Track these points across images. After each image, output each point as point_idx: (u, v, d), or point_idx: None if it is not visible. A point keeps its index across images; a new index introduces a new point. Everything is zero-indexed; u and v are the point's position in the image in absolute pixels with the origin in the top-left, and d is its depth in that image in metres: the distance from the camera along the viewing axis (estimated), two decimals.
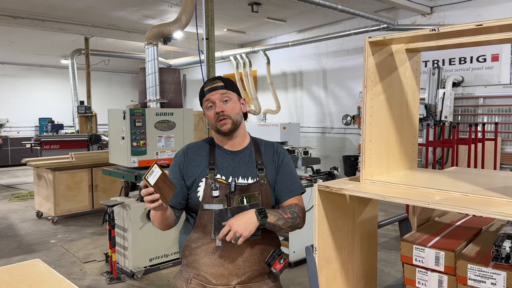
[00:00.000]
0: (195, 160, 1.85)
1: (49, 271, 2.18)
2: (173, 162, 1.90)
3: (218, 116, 1.79)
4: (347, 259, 1.91)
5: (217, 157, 1.85)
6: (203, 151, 1.88)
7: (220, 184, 1.77)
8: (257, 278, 1.81)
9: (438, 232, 1.83)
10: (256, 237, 1.77)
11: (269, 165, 1.88)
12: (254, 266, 1.78)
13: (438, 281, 1.66)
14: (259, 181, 1.82)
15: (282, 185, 1.86)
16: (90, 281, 4.48)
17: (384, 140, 1.87)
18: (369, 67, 1.74)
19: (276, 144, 1.96)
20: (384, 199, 1.55)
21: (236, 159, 1.85)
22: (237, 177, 1.81)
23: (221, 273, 1.76)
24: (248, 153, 1.88)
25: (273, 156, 1.90)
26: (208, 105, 1.82)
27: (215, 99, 1.81)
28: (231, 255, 1.76)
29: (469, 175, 1.91)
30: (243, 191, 1.79)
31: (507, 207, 1.35)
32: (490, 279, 1.49)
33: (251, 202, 1.79)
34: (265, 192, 1.82)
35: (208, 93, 1.82)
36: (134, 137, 4.36)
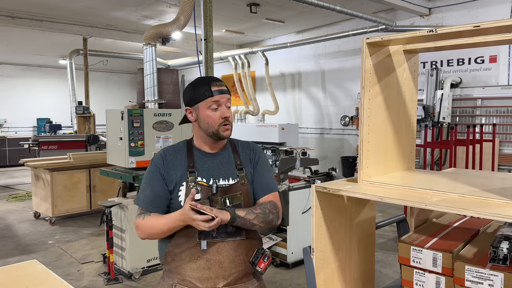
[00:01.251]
0: (174, 164, 1.80)
1: (46, 272, 2.17)
2: (152, 167, 1.83)
3: (224, 121, 1.77)
4: (345, 260, 1.91)
5: (196, 160, 1.81)
6: (181, 155, 1.83)
7: (201, 187, 1.75)
8: (243, 279, 1.79)
9: (435, 233, 1.83)
10: (241, 237, 1.77)
11: (247, 164, 1.87)
12: (240, 267, 1.77)
13: (435, 283, 1.66)
14: (240, 181, 1.81)
15: (257, 183, 1.86)
16: (87, 282, 4.47)
17: (382, 141, 1.87)
18: (367, 68, 1.74)
19: (252, 144, 1.96)
20: (382, 200, 1.55)
21: (215, 160, 1.83)
22: (218, 179, 1.79)
23: (207, 276, 1.73)
24: (226, 154, 1.87)
25: (250, 155, 1.90)
26: (213, 106, 1.76)
27: (223, 102, 1.78)
28: (217, 258, 1.73)
29: (467, 176, 1.91)
30: (225, 192, 1.77)
31: (504, 208, 1.35)
32: (488, 280, 1.50)
33: (234, 202, 1.77)
34: (246, 192, 1.81)
35: (218, 94, 1.76)
36: (132, 138, 4.35)
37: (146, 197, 1.78)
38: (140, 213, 1.79)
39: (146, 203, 1.77)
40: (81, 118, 10.21)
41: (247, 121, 12.09)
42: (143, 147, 4.42)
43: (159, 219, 1.73)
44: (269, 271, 4.66)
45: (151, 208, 1.77)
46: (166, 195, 1.78)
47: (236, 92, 12.46)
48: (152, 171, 1.82)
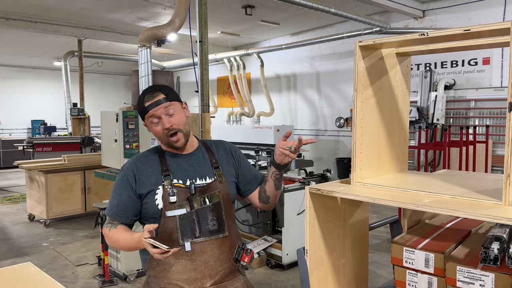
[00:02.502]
0: (146, 170, 1.80)
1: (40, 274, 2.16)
2: (120, 176, 1.83)
3: (168, 131, 1.75)
4: (338, 261, 1.93)
5: (169, 163, 1.82)
6: (152, 161, 1.83)
7: (178, 189, 1.75)
8: (229, 276, 1.81)
9: (428, 234, 1.85)
10: (224, 234, 1.79)
11: (223, 162, 1.90)
12: (225, 264, 1.78)
13: (428, 283, 1.68)
14: (217, 179, 1.83)
15: (247, 177, 1.96)
16: (82, 284, 4.46)
17: (375, 143, 1.89)
18: (360, 71, 1.75)
19: (225, 142, 2.01)
20: (374, 202, 1.57)
21: (189, 161, 1.85)
22: (195, 179, 1.80)
23: (194, 277, 1.73)
24: (200, 154, 1.89)
25: (227, 155, 1.94)
26: (154, 120, 1.75)
27: (160, 113, 1.74)
28: (202, 257, 1.74)
29: (459, 178, 1.93)
30: (203, 191, 1.79)
31: (494, 209, 1.37)
32: (479, 280, 1.51)
33: (213, 201, 1.79)
34: (224, 190, 1.84)
35: (151, 108, 1.73)
36: (127, 140, 4.36)
37: (113, 206, 1.80)
38: (108, 222, 1.81)
39: (113, 213, 1.79)
40: (76, 120, 10.17)
41: (242, 123, 12.10)
42: (138, 149, 4.42)
43: (123, 234, 1.74)
44: (264, 272, 4.67)
45: (118, 217, 1.78)
46: (133, 204, 1.78)
47: (231, 94, 12.47)
48: (120, 180, 1.82)
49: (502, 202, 1.41)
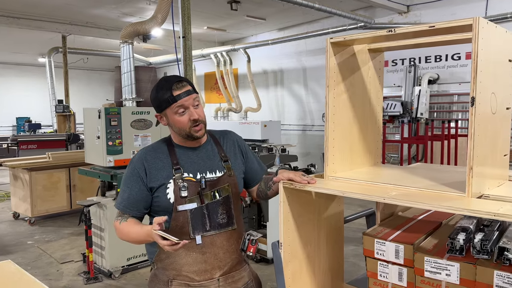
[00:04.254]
0: (157, 163, 1.80)
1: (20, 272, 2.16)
2: (130, 170, 1.82)
3: (193, 123, 1.75)
4: (313, 253, 1.96)
5: (180, 156, 1.81)
6: (162, 153, 1.82)
7: (189, 183, 1.76)
8: (237, 266, 1.85)
9: (399, 226, 1.89)
10: (232, 227, 1.82)
11: (231, 155, 1.91)
12: (233, 255, 1.83)
13: (398, 274, 1.72)
14: (227, 172, 1.84)
15: (253, 171, 1.98)
16: (67, 281, 4.45)
17: (347, 138, 1.92)
18: (331, 67, 1.78)
19: (231, 133, 2.01)
20: (344, 195, 1.60)
21: (199, 155, 1.85)
22: (205, 173, 1.81)
23: (204, 269, 1.77)
24: (210, 147, 1.89)
25: (235, 148, 1.95)
26: (180, 110, 1.74)
27: (188, 104, 1.74)
28: (212, 250, 1.77)
29: (429, 171, 1.97)
30: (213, 185, 1.80)
31: (457, 201, 1.41)
32: (445, 270, 1.56)
33: (223, 195, 1.81)
34: (233, 183, 1.85)
35: (182, 98, 1.72)
36: (110, 136, 4.34)
37: (123, 200, 1.79)
38: (118, 215, 1.81)
39: (124, 206, 1.79)
40: (61, 117, 10.09)
41: (230, 119, 12.10)
42: (121, 145, 4.41)
43: (134, 227, 1.74)
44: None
45: (128, 211, 1.78)
46: (144, 197, 1.78)
47: (218, 90, 12.45)
48: (130, 174, 1.81)
49: (465, 194, 1.45)
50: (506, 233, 1.63)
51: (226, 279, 1.82)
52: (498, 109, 1.61)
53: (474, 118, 1.41)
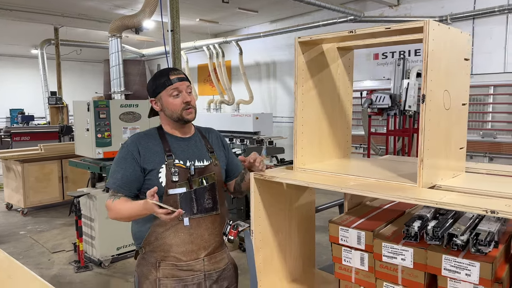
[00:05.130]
0: (150, 148, 1.93)
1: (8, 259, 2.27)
2: (123, 153, 1.93)
3: (186, 105, 1.91)
4: (284, 241, 2.08)
5: (171, 144, 1.96)
6: (154, 140, 1.96)
7: (179, 169, 1.90)
8: (219, 248, 2.01)
9: (364, 215, 2.01)
10: (216, 212, 1.98)
11: (216, 148, 2.09)
12: (217, 238, 1.98)
13: (360, 259, 1.84)
14: (213, 162, 2.01)
15: (232, 166, 2.15)
16: (57, 270, 4.56)
17: (316, 132, 2.03)
18: (300, 65, 1.89)
19: (214, 130, 2.20)
20: (308, 185, 1.72)
21: (189, 144, 2.00)
22: (194, 161, 1.96)
23: (191, 249, 1.91)
24: (197, 139, 2.06)
25: (218, 142, 2.14)
26: (174, 93, 1.91)
27: (182, 88, 1.92)
28: (198, 231, 1.92)
29: (393, 163, 2.09)
30: (201, 173, 1.95)
31: (408, 191, 1.53)
32: (400, 255, 1.68)
33: (209, 182, 1.97)
34: (218, 172, 2.02)
35: (177, 82, 1.91)
36: (99, 129, 4.43)
37: (117, 180, 1.90)
38: (111, 194, 1.92)
39: (117, 186, 1.90)
40: (54, 109, 10.12)
41: (223, 111, 12.18)
42: (110, 138, 4.50)
43: (127, 204, 1.85)
44: (237, 255, 4.83)
45: (122, 190, 1.89)
46: (137, 177, 1.90)
47: (211, 82, 12.50)
48: (124, 156, 1.92)
49: (417, 184, 1.57)
50: (459, 221, 1.75)
51: (210, 259, 1.97)
52: (452, 105, 1.72)
53: (424, 114, 1.52)
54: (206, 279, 1.94)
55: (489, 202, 1.36)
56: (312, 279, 2.18)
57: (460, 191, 1.56)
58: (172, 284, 1.89)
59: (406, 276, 1.69)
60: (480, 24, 8.16)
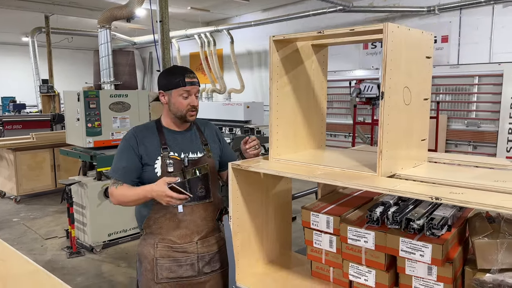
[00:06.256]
0: (147, 141, 2.11)
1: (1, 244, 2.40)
2: (124, 145, 2.12)
3: (191, 108, 2.08)
4: (261, 226, 2.23)
5: (167, 137, 2.13)
6: (151, 133, 2.14)
7: (174, 161, 2.08)
8: (213, 233, 2.19)
9: (334, 201, 2.16)
10: (209, 200, 2.17)
11: (210, 141, 2.26)
12: (209, 223, 2.16)
13: (329, 241, 2.00)
14: (206, 154, 2.18)
15: (227, 157, 2.31)
16: (50, 256, 4.71)
17: (291, 125, 2.16)
18: (274, 62, 2.01)
19: (210, 123, 2.37)
20: (279, 174, 1.86)
21: (184, 137, 2.17)
22: (188, 153, 2.13)
23: (185, 233, 2.09)
24: (193, 132, 2.23)
25: (213, 135, 2.31)
26: (184, 94, 2.07)
27: (192, 92, 2.09)
28: (192, 218, 2.10)
29: (363, 153, 2.23)
30: (195, 164, 2.12)
31: (368, 179, 1.68)
32: (363, 237, 1.84)
33: (202, 172, 2.14)
34: (211, 163, 2.19)
35: (190, 85, 2.07)
36: (89, 119, 4.54)
37: (119, 169, 2.09)
38: (113, 182, 2.10)
39: (119, 175, 2.08)
40: (45, 97, 10.15)
41: (214, 99, 12.27)
42: (100, 127, 4.61)
43: (130, 190, 2.04)
44: None
45: (123, 179, 2.08)
46: (137, 168, 2.08)
47: (203, 70, 12.56)
48: (124, 147, 2.11)
49: (376, 173, 1.72)
50: (419, 207, 1.91)
51: (203, 242, 2.15)
52: (413, 101, 1.86)
53: (383, 110, 1.66)
54: (199, 260, 2.13)
55: (437, 189, 1.52)
56: (288, 260, 2.34)
57: (416, 179, 1.72)
58: (168, 263, 2.09)
59: (369, 257, 1.85)
60: (467, 15, 8.29)
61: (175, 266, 2.09)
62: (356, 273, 1.90)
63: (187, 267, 2.10)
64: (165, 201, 1.91)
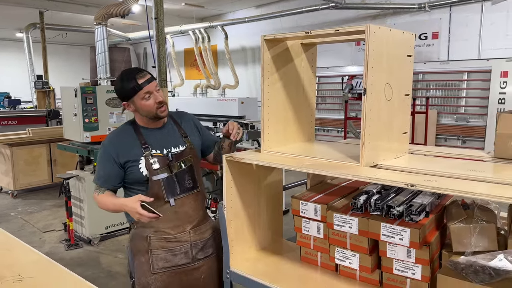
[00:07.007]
0: (126, 144, 2.13)
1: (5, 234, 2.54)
2: (102, 151, 2.16)
3: (159, 105, 2.10)
4: (254, 214, 2.37)
5: (146, 136, 2.17)
6: (129, 135, 2.16)
7: (158, 158, 2.13)
8: (203, 221, 2.28)
9: (323, 191, 2.30)
10: (197, 190, 2.25)
11: (189, 132, 2.31)
12: (200, 212, 2.25)
13: (316, 228, 2.14)
14: (188, 146, 2.24)
15: (208, 141, 2.40)
16: (49, 248, 4.82)
17: (282, 119, 2.30)
18: (265, 60, 2.14)
19: (186, 113, 2.42)
20: (270, 165, 2.00)
21: (163, 133, 2.22)
22: (170, 148, 2.19)
23: (177, 224, 2.16)
24: (170, 127, 2.27)
25: (191, 125, 2.35)
26: (146, 96, 2.06)
27: (153, 89, 2.08)
28: (183, 209, 2.17)
29: (350, 146, 2.37)
30: (179, 157, 2.18)
31: (351, 169, 1.82)
32: (348, 223, 1.98)
33: (187, 164, 2.22)
34: (194, 155, 2.26)
35: (146, 84, 2.06)
36: (86, 114, 4.64)
37: (100, 176, 2.17)
38: (96, 188, 2.20)
39: (101, 182, 2.18)
40: (40, 93, 10.19)
41: (209, 95, 12.37)
42: (97, 122, 4.72)
43: (109, 199, 2.12)
44: None
45: (105, 185, 2.17)
46: (117, 174, 2.14)
47: (197, 66, 12.65)
48: (102, 155, 2.16)
49: (359, 164, 1.86)
50: (400, 195, 2.05)
51: (195, 231, 2.25)
52: (394, 96, 2.00)
53: (365, 105, 1.80)
54: (192, 248, 2.21)
55: (413, 178, 1.66)
56: (279, 247, 2.48)
57: (396, 169, 1.85)
58: (162, 253, 2.16)
59: (353, 241, 1.99)
60: (457, 12, 8.44)
61: (170, 256, 2.15)
62: (341, 257, 2.04)
63: (182, 255, 2.17)
64: (136, 217, 1.99)
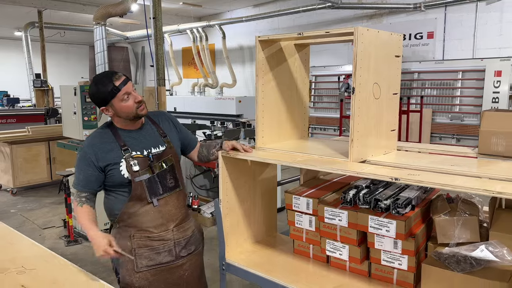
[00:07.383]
0: (105, 147, 2.09)
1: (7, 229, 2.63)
2: (81, 155, 2.11)
3: (139, 104, 2.07)
4: (249, 209, 2.46)
5: (125, 138, 2.12)
6: (108, 138, 2.12)
7: (138, 159, 2.09)
8: (185, 219, 2.26)
9: (315, 186, 2.39)
10: (179, 188, 2.26)
11: (168, 131, 2.27)
12: (182, 210, 2.23)
13: (309, 221, 2.24)
14: (168, 146, 2.21)
15: (187, 140, 2.37)
16: (49, 244, 4.90)
17: (276, 117, 2.39)
18: (260, 60, 2.23)
19: (164, 113, 2.40)
20: (264, 161, 2.09)
21: (142, 134, 2.18)
22: (150, 149, 2.15)
23: (161, 223, 2.14)
24: (149, 127, 2.23)
25: (169, 124, 2.32)
26: (125, 97, 2.03)
27: (130, 90, 2.05)
28: (166, 208, 2.15)
29: (340, 143, 2.46)
30: (159, 158, 2.15)
31: (341, 164, 1.91)
32: (338, 216, 2.07)
33: (168, 164, 2.23)
34: (174, 154, 2.23)
35: (123, 85, 2.02)
36: (85, 112, 4.72)
37: (80, 181, 2.11)
38: (76, 196, 2.13)
39: (81, 186, 2.10)
40: (39, 91, 10.25)
41: (206, 94, 12.45)
42: (96, 120, 4.79)
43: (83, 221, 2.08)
44: (211, 229, 5.22)
45: (85, 189, 2.10)
46: (97, 177, 2.09)
47: (195, 65, 12.72)
48: (81, 159, 2.11)
49: (348, 159, 1.95)
50: (388, 189, 2.15)
51: (178, 229, 2.25)
52: (382, 95, 2.09)
53: (354, 103, 1.89)
54: (175, 246, 2.17)
55: (397, 172, 1.75)
56: (273, 240, 2.57)
57: (384, 164, 1.95)
58: (146, 252, 2.12)
59: (343, 234, 2.08)
60: (452, 11, 8.55)
61: (154, 254, 2.13)
62: (332, 248, 2.13)
63: (165, 254, 2.15)
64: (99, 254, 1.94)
